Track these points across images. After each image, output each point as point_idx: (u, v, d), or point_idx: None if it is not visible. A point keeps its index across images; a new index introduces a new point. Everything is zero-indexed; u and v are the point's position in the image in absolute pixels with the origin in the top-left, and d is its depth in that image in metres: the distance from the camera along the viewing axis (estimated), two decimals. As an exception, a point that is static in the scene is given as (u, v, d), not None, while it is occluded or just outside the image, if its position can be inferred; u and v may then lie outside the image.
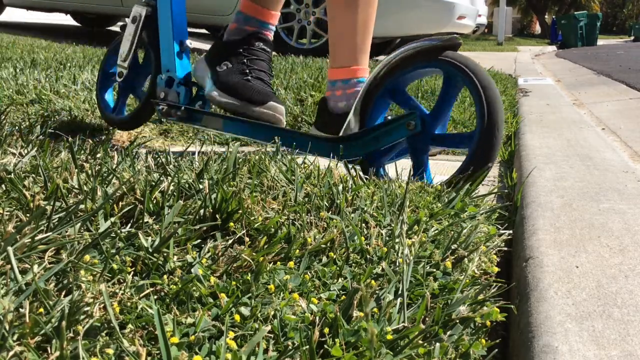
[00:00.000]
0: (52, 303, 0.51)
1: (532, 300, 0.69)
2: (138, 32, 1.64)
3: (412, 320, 0.59)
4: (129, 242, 0.65)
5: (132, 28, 1.65)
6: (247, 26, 1.49)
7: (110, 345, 0.48)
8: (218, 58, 1.49)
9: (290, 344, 0.53)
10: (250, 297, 0.59)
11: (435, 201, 0.96)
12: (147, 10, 1.63)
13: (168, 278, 0.60)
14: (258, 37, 1.48)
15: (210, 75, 1.47)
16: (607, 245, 0.84)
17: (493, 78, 3.56)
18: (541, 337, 0.60)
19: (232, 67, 1.45)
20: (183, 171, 0.91)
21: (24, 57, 3.02)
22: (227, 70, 1.44)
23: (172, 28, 1.56)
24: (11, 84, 2.15)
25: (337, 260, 0.71)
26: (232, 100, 1.39)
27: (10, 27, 5.79)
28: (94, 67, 2.82)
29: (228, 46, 1.48)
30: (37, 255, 0.59)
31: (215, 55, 1.50)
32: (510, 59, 7.16)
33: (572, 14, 15.38)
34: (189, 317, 0.55)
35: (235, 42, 1.47)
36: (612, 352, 0.57)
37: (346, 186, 0.94)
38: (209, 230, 0.73)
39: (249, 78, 1.41)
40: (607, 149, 1.63)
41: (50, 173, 0.82)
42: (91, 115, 1.92)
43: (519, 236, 0.93)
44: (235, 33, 1.49)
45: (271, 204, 0.83)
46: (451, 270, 0.71)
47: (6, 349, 0.45)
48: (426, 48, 1.20)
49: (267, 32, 1.50)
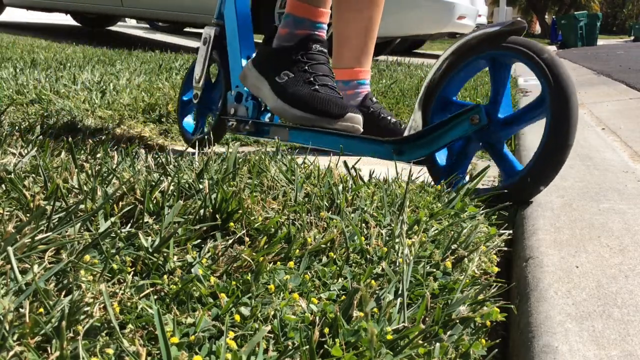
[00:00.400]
0: (52, 303, 0.51)
1: (532, 300, 0.69)
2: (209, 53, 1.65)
3: (412, 320, 0.59)
4: (129, 242, 0.65)
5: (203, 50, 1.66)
6: (299, 30, 1.39)
7: (110, 345, 0.48)
8: (273, 67, 1.39)
9: (290, 344, 0.53)
10: (250, 297, 0.59)
11: (435, 201, 0.96)
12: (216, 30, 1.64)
13: (168, 278, 0.60)
14: (314, 39, 1.38)
15: (270, 86, 1.38)
16: (607, 245, 0.84)
17: (493, 78, 3.56)
18: (541, 337, 0.60)
19: (295, 76, 1.35)
20: (183, 171, 0.91)
21: (24, 57, 3.02)
22: (290, 81, 1.35)
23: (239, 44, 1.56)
24: (11, 84, 2.15)
25: (337, 260, 0.71)
26: (308, 114, 1.29)
27: (10, 27, 5.79)
28: (93, 67, 2.82)
29: (283, 54, 1.39)
30: (37, 255, 0.59)
31: (268, 64, 1.41)
32: (510, 59, 7.14)
33: (572, 14, 15.38)
34: (189, 317, 0.55)
35: (291, 49, 1.38)
36: (612, 352, 0.57)
37: (346, 186, 0.94)
38: (209, 230, 0.73)
39: (317, 87, 1.32)
40: (607, 149, 1.63)
41: (50, 173, 0.82)
42: (91, 115, 1.92)
43: (519, 236, 0.93)
44: (288, 39, 1.39)
45: (271, 204, 0.83)
46: (451, 270, 0.71)
47: (6, 349, 0.45)
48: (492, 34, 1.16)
49: (322, 33, 1.41)
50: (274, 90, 1.37)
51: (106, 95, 2.17)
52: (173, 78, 2.61)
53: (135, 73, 2.71)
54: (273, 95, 1.37)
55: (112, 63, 3.04)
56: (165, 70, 2.89)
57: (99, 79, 2.43)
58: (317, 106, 1.29)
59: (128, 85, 2.36)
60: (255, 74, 1.44)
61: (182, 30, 7.75)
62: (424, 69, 3.77)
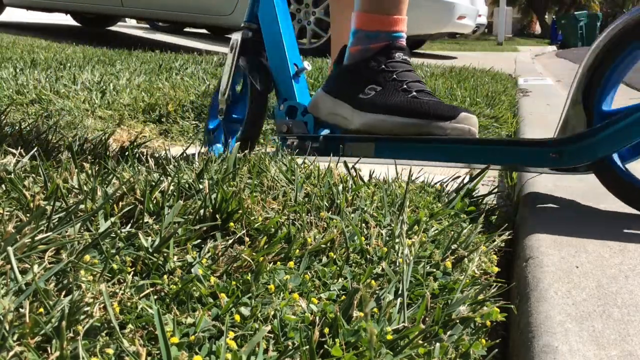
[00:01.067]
0: (52, 303, 0.51)
1: (532, 300, 0.69)
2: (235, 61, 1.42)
3: (412, 320, 0.59)
4: (129, 242, 0.65)
5: (230, 58, 1.44)
6: (374, 44, 1.20)
7: (110, 345, 0.48)
8: (354, 86, 1.21)
9: (290, 344, 0.53)
10: (250, 297, 0.59)
11: (435, 201, 0.96)
12: (244, 33, 1.41)
13: (168, 278, 0.60)
14: (395, 47, 1.19)
15: (352, 106, 1.20)
16: (607, 245, 0.84)
17: (493, 78, 3.57)
18: (541, 337, 0.60)
19: (384, 88, 1.17)
20: (183, 171, 0.91)
21: (24, 57, 3.02)
22: (379, 94, 1.17)
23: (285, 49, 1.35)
24: (11, 84, 2.15)
25: (337, 260, 0.71)
26: (413, 119, 1.11)
27: (10, 27, 5.79)
28: (93, 67, 2.82)
29: (362, 68, 1.20)
30: (37, 255, 0.59)
31: (346, 84, 1.23)
32: (510, 59, 7.16)
33: (572, 14, 15.39)
34: (189, 317, 0.55)
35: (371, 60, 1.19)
36: (612, 352, 0.57)
37: (346, 186, 0.94)
38: (209, 230, 0.73)
39: (415, 94, 1.15)
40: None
41: (50, 173, 0.82)
42: (91, 115, 1.92)
43: (519, 236, 0.93)
44: (363, 54, 1.21)
45: (271, 204, 0.83)
46: (451, 270, 0.71)
47: (6, 349, 0.45)
48: None
49: (402, 41, 1.22)
50: (358, 108, 1.19)
51: (106, 95, 2.17)
52: (173, 78, 2.61)
53: (135, 73, 2.71)
54: (358, 112, 1.19)
55: (112, 63, 3.04)
56: (165, 70, 2.89)
57: (99, 79, 2.43)
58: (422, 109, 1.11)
59: (128, 85, 2.36)
60: (331, 101, 1.25)
61: (182, 30, 7.75)
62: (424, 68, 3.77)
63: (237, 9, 4.74)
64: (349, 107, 1.21)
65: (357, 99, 1.20)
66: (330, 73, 1.30)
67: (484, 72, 3.87)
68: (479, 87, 3.03)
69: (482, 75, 3.67)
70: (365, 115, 1.18)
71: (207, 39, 6.38)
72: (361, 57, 1.21)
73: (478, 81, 3.31)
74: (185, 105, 2.12)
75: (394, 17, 1.19)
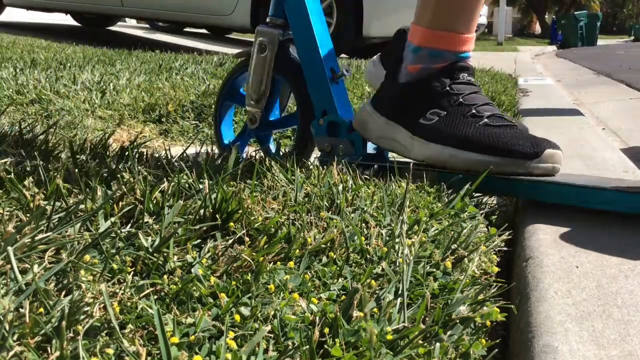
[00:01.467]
0: (52, 303, 0.51)
1: (532, 300, 0.69)
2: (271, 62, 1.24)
3: (412, 320, 0.59)
4: (129, 242, 0.65)
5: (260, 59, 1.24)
6: (437, 64, 1.08)
7: (110, 345, 0.48)
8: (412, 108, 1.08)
9: (290, 344, 0.53)
10: (250, 297, 0.59)
11: (435, 201, 0.96)
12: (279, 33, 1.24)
13: (168, 278, 0.60)
14: (460, 68, 1.07)
15: (411, 133, 1.07)
16: (607, 245, 0.84)
17: (493, 78, 3.57)
18: (541, 337, 0.60)
19: (448, 113, 1.04)
20: (183, 171, 0.91)
21: (24, 57, 3.02)
22: (443, 120, 1.04)
23: (319, 50, 1.16)
24: (11, 84, 2.15)
25: (337, 260, 0.71)
26: (489, 157, 0.99)
27: (10, 27, 5.79)
28: (93, 67, 2.82)
29: (422, 89, 1.07)
30: (37, 255, 0.59)
31: (401, 105, 1.10)
32: (510, 59, 7.16)
33: (572, 14, 15.39)
34: (189, 317, 0.55)
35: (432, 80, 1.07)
36: (612, 352, 0.57)
37: (346, 186, 0.94)
38: (209, 230, 0.73)
39: (486, 122, 1.02)
40: (607, 148, 1.63)
41: (50, 173, 0.82)
42: (91, 115, 1.92)
43: (519, 236, 0.93)
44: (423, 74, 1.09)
45: (271, 204, 0.83)
46: (451, 270, 0.72)
47: (6, 349, 0.45)
48: None
49: (468, 62, 1.10)
50: (420, 136, 1.06)
51: (106, 95, 2.17)
52: (173, 78, 2.61)
53: (135, 73, 2.71)
54: (419, 141, 1.06)
55: (112, 63, 3.04)
56: (165, 70, 2.89)
57: (99, 79, 2.43)
58: (500, 144, 0.99)
59: (128, 85, 2.36)
60: (383, 122, 1.11)
61: (182, 30, 7.75)
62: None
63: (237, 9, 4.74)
64: (407, 133, 1.08)
65: (417, 124, 1.07)
66: (382, 88, 1.15)
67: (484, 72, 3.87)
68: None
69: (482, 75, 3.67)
70: (428, 146, 1.05)
71: (207, 39, 6.38)
72: (421, 76, 1.08)
73: (478, 81, 3.31)
74: (185, 105, 2.12)
75: (463, 36, 1.07)
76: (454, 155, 1.02)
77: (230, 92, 1.37)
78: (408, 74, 1.10)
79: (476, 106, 1.04)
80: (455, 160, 1.02)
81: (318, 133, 1.17)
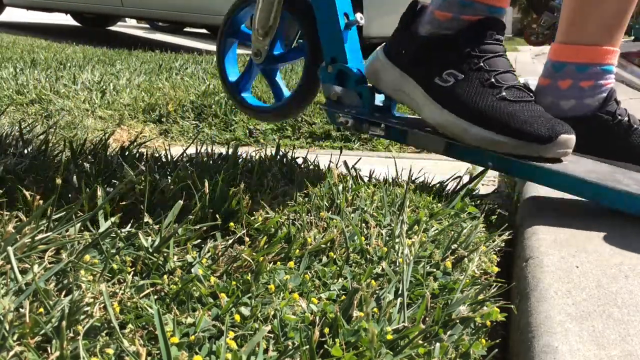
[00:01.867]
0: (52, 303, 0.51)
1: (532, 300, 0.69)
2: None
3: (412, 320, 0.59)
4: (129, 242, 0.65)
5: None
6: (466, 15, 1.00)
7: (110, 345, 0.48)
8: (429, 64, 1.02)
9: (290, 344, 0.53)
10: (250, 297, 0.59)
11: (435, 201, 0.96)
12: None
13: (168, 278, 0.60)
14: (490, 25, 0.99)
15: (425, 92, 1.02)
16: (607, 245, 0.84)
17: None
18: (541, 337, 0.60)
19: (466, 77, 0.98)
20: (183, 171, 0.91)
21: (24, 57, 3.02)
22: (459, 84, 0.98)
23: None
24: (11, 84, 2.15)
25: (337, 260, 0.71)
26: (500, 137, 0.94)
27: (10, 27, 5.79)
28: (93, 67, 2.82)
29: (443, 45, 1.01)
30: (37, 255, 0.59)
31: (419, 58, 1.03)
32: (510, 59, 7.16)
33: (572, 14, 15.33)
34: (189, 317, 0.55)
35: (457, 38, 0.99)
36: (612, 352, 0.57)
37: (346, 186, 0.94)
38: (209, 230, 0.73)
39: (504, 95, 0.96)
40: (607, 149, 1.62)
41: (50, 173, 0.82)
42: (91, 115, 1.92)
43: (519, 236, 0.93)
44: (448, 25, 1.01)
45: (271, 203, 0.83)
46: (451, 270, 0.72)
47: (6, 349, 0.45)
48: None
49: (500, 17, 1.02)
50: (434, 98, 1.01)
51: (106, 95, 2.17)
52: (173, 78, 2.61)
53: (135, 73, 2.71)
54: (434, 104, 1.01)
55: (112, 63, 3.04)
56: (165, 70, 2.89)
57: (99, 79, 2.43)
58: (514, 124, 0.94)
59: (128, 85, 2.36)
60: (397, 73, 1.05)
61: (182, 30, 7.75)
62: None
63: (237, 9, 4.73)
64: (421, 91, 1.02)
65: (432, 83, 1.00)
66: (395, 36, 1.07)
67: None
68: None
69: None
70: (441, 112, 0.99)
71: (207, 39, 6.38)
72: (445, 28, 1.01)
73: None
74: (185, 105, 2.12)
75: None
76: (466, 130, 0.97)
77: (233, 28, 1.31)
78: (431, 22, 1.03)
79: (496, 74, 0.98)
80: (465, 134, 0.97)
81: (325, 80, 1.12)
